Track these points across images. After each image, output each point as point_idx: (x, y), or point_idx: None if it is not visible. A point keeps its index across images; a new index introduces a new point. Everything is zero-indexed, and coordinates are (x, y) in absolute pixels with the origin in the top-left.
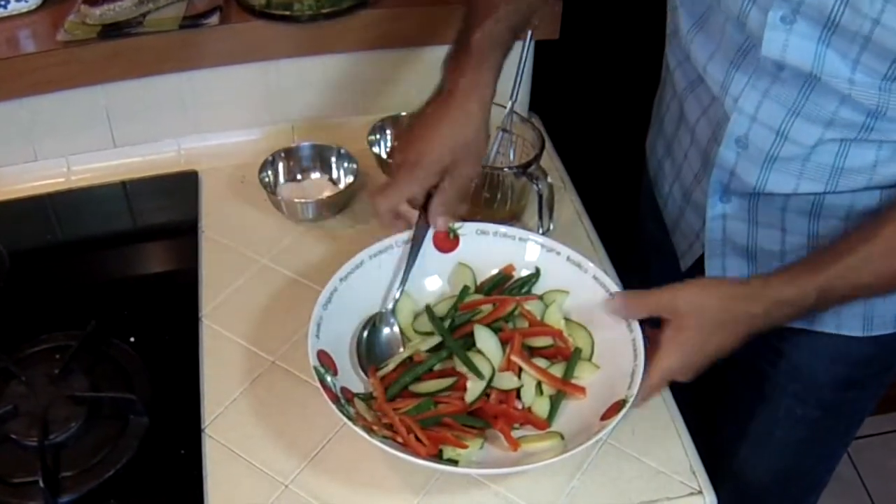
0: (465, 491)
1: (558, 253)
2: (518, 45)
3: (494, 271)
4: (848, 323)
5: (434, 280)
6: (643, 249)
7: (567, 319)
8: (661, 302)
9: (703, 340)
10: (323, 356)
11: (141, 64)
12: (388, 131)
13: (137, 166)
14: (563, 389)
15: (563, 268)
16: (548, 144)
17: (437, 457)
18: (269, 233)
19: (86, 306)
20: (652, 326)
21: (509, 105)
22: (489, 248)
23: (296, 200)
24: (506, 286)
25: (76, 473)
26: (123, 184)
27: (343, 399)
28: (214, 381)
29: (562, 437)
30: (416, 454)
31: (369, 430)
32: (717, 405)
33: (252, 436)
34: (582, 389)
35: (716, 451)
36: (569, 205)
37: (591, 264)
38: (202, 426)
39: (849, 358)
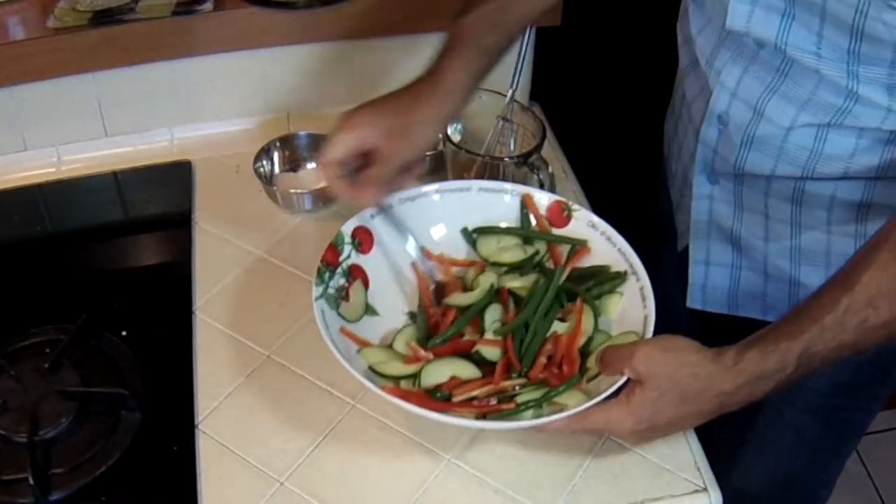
0: (465, 488)
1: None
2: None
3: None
4: None
5: (440, 228)
6: (654, 229)
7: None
8: (622, 359)
9: (656, 411)
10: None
11: (133, 51)
12: None
13: (129, 156)
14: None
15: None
16: (549, 134)
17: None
18: (265, 224)
19: (76, 299)
20: None
21: (510, 93)
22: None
23: (291, 191)
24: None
25: (66, 470)
26: (115, 174)
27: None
28: (208, 375)
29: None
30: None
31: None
32: None
33: (247, 432)
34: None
35: (708, 453)
36: (570, 195)
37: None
38: (195, 422)
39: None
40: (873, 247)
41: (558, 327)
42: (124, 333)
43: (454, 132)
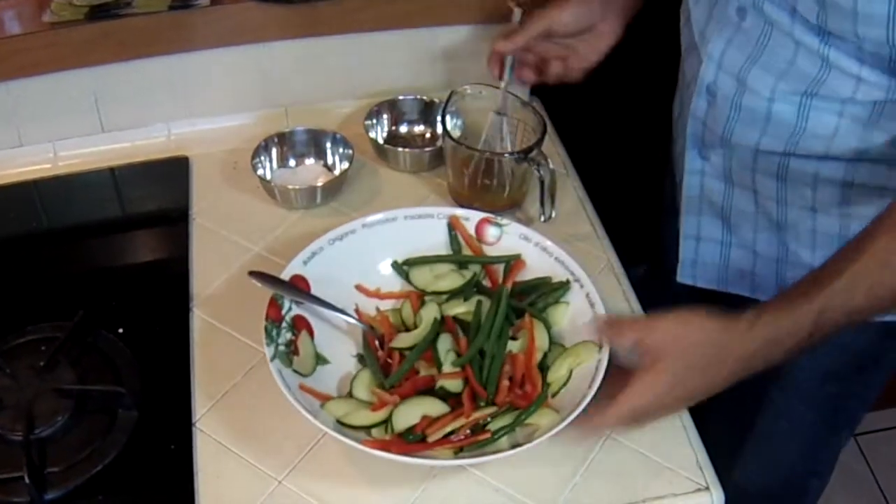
0: (465, 487)
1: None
2: None
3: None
4: None
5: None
6: (662, 209)
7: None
8: (637, 331)
9: (677, 383)
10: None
11: (130, 46)
12: (384, 116)
13: (126, 152)
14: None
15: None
16: (549, 129)
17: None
18: (262, 220)
19: (73, 296)
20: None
21: (502, 86)
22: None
23: (289, 187)
24: (541, 292)
25: (62, 469)
26: (112, 170)
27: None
28: (206, 373)
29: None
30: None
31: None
32: None
33: (244, 430)
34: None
35: (709, 452)
36: (571, 191)
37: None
38: (193, 420)
39: (825, 345)
40: (885, 216)
41: (511, 346)
42: (121, 331)
43: (454, 128)
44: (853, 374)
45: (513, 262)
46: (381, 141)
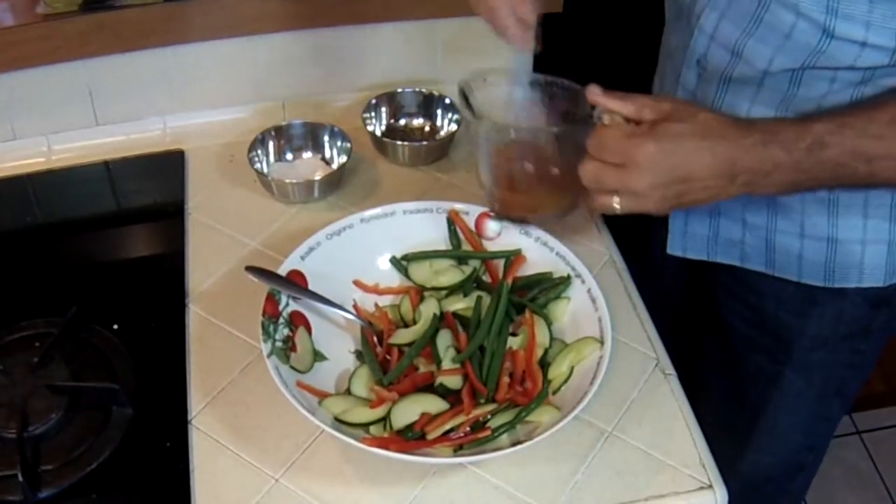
0: (465, 485)
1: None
2: None
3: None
4: (809, 271)
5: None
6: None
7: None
8: (643, 99)
9: (677, 149)
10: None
11: (124, 38)
12: (383, 109)
13: (121, 145)
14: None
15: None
16: None
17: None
18: (259, 215)
19: (67, 292)
20: None
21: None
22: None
23: (286, 181)
24: (542, 287)
25: (56, 467)
26: (106, 163)
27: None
28: (201, 370)
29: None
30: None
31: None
32: (692, 366)
33: (241, 428)
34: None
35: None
36: None
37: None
38: (189, 417)
39: (813, 311)
40: None
41: (512, 342)
42: (116, 327)
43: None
44: (840, 342)
45: (513, 258)
46: (379, 134)
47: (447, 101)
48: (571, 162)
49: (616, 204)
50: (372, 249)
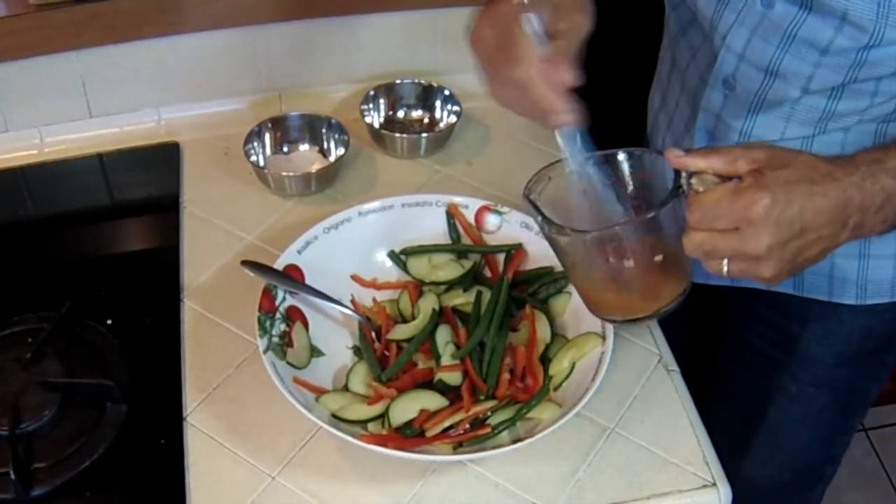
0: (464, 483)
1: None
2: None
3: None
4: (840, 290)
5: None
6: None
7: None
8: (733, 151)
9: (799, 208)
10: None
11: (119, 28)
12: (381, 100)
13: (115, 137)
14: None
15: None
16: None
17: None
18: (255, 208)
19: (60, 286)
20: None
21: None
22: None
23: (283, 174)
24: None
25: (49, 464)
26: (100, 156)
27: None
28: (197, 366)
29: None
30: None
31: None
32: (703, 382)
33: (237, 425)
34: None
35: (717, 447)
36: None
37: None
38: (184, 414)
39: (841, 329)
40: None
41: (512, 338)
42: (109, 322)
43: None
44: (867, 357)
45: (514, 252)
46: (377, 126)
47: (446, 92)
48: (672, 240)
49: (725, 267)
50: (370, 243)
